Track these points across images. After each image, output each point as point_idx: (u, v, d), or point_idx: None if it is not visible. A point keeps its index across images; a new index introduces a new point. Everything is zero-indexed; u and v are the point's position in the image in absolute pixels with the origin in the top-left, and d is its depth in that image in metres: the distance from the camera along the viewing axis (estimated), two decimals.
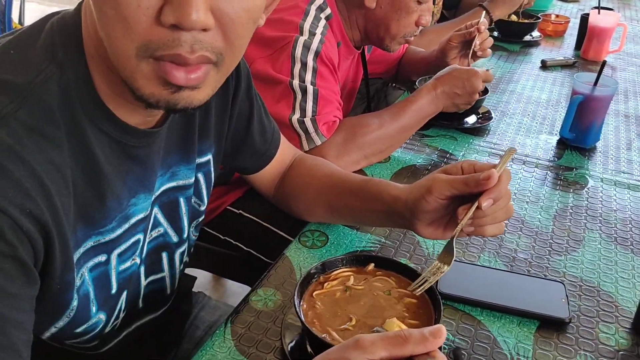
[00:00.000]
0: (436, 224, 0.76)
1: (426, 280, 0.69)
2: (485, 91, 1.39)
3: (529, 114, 1.46)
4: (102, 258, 0.64)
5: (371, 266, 0.74)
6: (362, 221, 0.92)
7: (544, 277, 0.86)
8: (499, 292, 0.81)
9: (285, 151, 0.98)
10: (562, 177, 1.15)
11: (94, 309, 0.65)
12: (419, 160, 1.18)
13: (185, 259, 0.84)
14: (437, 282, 0.80)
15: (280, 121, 1.10)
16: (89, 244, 0.62)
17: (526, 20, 2.09)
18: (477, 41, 1.29)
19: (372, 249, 0.90)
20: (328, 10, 1.21)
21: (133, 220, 0.67)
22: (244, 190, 1.26)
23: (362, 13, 1.25)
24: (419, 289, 0.69)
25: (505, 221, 0.75)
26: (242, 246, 1.28)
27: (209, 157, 0.81)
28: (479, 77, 1.20)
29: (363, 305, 0.68)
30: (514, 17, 2.09)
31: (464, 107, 1.24)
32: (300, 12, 1.17)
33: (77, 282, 0.61)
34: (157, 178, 0.70)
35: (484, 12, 1.38)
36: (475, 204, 0.69)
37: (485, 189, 0.69)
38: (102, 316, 0.68)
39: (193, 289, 1.04)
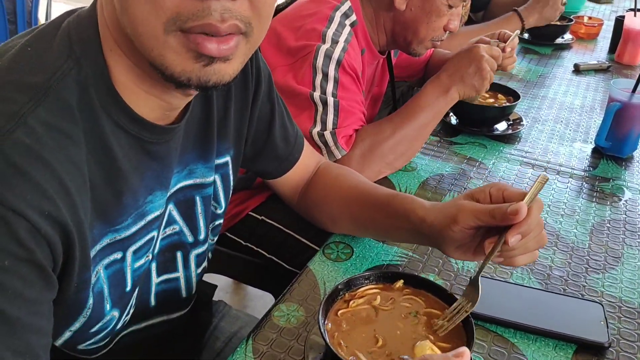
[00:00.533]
0: (465, 248, 0.72)
1: (450, 319, 0.65)
2: (516, 97, 1.35)
3: (562, 121, 1.41)
4: (117, 255, 0.63)
5: (399, 283, 0.71)
6: (387, 236, 0.88)
7: (580, 296, 0.81)
8: (534, 312, 0.77)
9: (309, 157, 0.96)
10: (598, 189, 1.10)
11: (107, 306, 0.64)
12: (447, 169, 1.14)
13: (204, 264, 0.82)
14: None
15: (304, 133, 1.07)
16: (106, 241, 0.61)
17: (558, 23, 2.03)
18: (505, 48, 1.24)
19: (398, 263, 0.86)
20: (353, 17, 1.18)
21: (149, 218, 0.66)
22: (266, 196, 1.24)
23: (390, 15, 1.22)
24: (441, 330, 0.64)
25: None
26: (264, 253, 1.26)
27: (227, 158, 0.79)
28: (479, 47, 1.14)
29: (391, 326, 0.65)
30: None
31: (483, 85, 1.15)
32: (324, 19, 1.14)
33: (93, 279, 0.60)
34: (173, 174, 0.69)
35: (517, 31, 1.31)
36: (503, 238, 0.65)
37: (513, 223, 0.65)
38: (116, 313, 0.67)
39: (213, 298, 1.02)
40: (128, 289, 0.67)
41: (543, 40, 2.00)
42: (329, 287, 0.80)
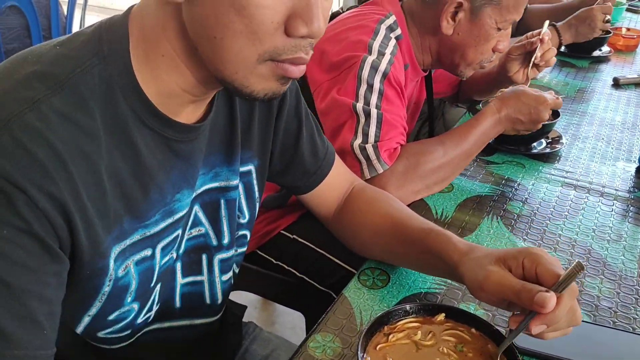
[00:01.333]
0: (499, 302, 0.67)
1: None
2: (556, 114, 1.30)
3: (603, 138, 1.36)
4: (148, 252, 0.65)
5: (441, 317, 0.68)
6: (420, 271, 0.85)
7: (631, 330, 0.77)
8: (581, 347, 0.73)
9: (341, 175, 0.94)
10: None
11: (129, 298, 0.66)
12: (485, 190, 1.11)
13: (229, 274, 0.81)
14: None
15: (343, 147, 1.05)
16: (136, 237, 0.62)
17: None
18: (538, 53, 1.21)
19: (436, 291, 0.83)
20: (398, 31, 1.16)
21: (177, 216, 0.67)
22: (298, 215, 1.22)
23: (437, 39, 1.20)
24: None
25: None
26: (295, 272, 1.24)
27: (251, 167, 0.79)
28: (547, 106, 1.12)
29: None
30: None
31: (524, 133, 1.17)
32: (370, 32, 1.12)
33: (120, 272, 0.62)
34: (199, 175, 0.70)
35: (547, 21, 1.28)
36: (530, 318, 0.60)
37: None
38: (135, 306, 0.68)
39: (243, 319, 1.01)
40: (152, 284, 0.68)
41: (580, 53, 1.95)
42: (365, 316, 0.78)
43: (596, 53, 1.97)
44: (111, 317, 0.66)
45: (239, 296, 1.00)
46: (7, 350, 0.50)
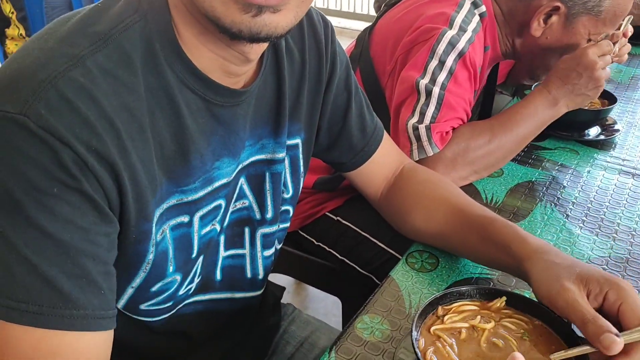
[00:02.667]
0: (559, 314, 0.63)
1: None
2: (612, 100, 1.24)
3: None
4: (184, 219, 0.63)
5: (502, 301, 0.64)
6: (476, 261, 0.81)
7: None
8: None
9: (390, 153, 0.91)
10: None
11: (171, 268, 0.64)
12: (536, 176, 1.06)
13: (271, 250, 0.79)
14: None
15: (399, 124, 1.02)
16: (172, 201, 0.61)
17: None
18: (617, 47, 1.13)
19: (489, 276, 0.80)
20: (483, 8, 1.10)
21: (216, 184, 0.65)
22: (346, 199, 1.20)
23: (521, 35, 1.14)
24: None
25: None
26: (337, 254, 1.22)
27: (298, 141, 0.77)
28: (589, 53, 1.02)
29: (498, 350, 0.59)
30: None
31: (597, 94, 1.06)
32: (454, 4, 1.06)
33: (158, 237, 0.61)
34: (244, 146, 0.68)
35: (630, 16, 1.20)
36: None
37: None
38: (178, 277, 0.66)
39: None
40: (194, 255, 0.66)
41: (636, 40, 1.86)
42: (414, 299, 0.75)
43: None
44: (154, 289, 0.65)
45: (274, 278, 0.99)
46: (67, 310, 0.50)
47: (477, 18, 1.08)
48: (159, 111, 0.57)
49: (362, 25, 5.30)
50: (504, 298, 0.64)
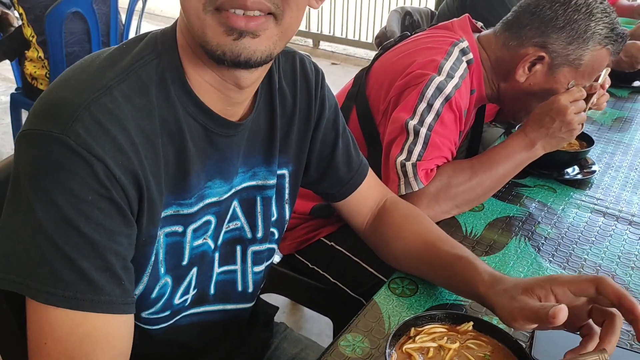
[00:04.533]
0: (530, 327, 0.72)
1: None
2: (590, 142, 1.34)
3: (636, 168, 1.38)
4: (178, 228, 0.73)
5: (468, 326, 0.72)
6: (450, 290, 0.90)
7: None
8: None
9: (373, 187, 1.00)
10: None
11: (162, 269, 0.73)
12: (514, 211, 1.15)
13: (261, 267, 0.88)
14: (532, 346, 0.77)
15: (389, 160, 1.11)
16: (169, 211, 0.71)
17: None
18: (595, 98, 1.23)
19: (462, 303, 0.88)
20: (470, 55, 1.21)
21: (207, 201, 0.75)
22: (339, 225, 1.29)
23: (506, 80, 1.24)
24: None
25: None
26: (330, 277, 1.30)
27: (285, 172, 0.87)
28: (560, 99, 1.11)
29: None
30: None
31: (571, 136, 1.15)
32: (443, 52, 1.17)
33: (157, 240, 0.70)
34: (238, 172, 0.78)
35: (608, 69, 1.29)
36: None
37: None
38: (169, 280, 0.75)
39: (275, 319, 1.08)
40: (184, 262, 0.76)
41: (620, 82, 1.97)
42: (393, 321, 0.83)
43: (636, 83, 1.98)
44: (153, 295, 0.74)
45: (270, 299, 1.07)
46: (96, 296, 0.60)
47: (464, 65, 1.18)
48: (167, 135, 0.68)
49: (365, 53, 5.46)
50: (471, 323, 0.73)
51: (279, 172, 0.85)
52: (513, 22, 1.22)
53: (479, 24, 1.37)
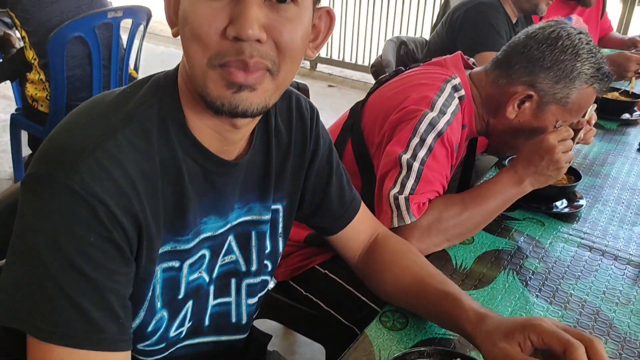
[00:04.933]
0: None
1: None
2: (578, 177, 1.37)
3: (623, 202, 1.42)
4: (175, 264, 0.76)
5: None
6: (439, 325, 0.92)
7: None
8: None
9: (365, 221, 1.03)
10: None
11: (158, 304, 0.76)
12: (503, 245, 1.18)
13: (255, 299, 0.91)
14: None
15: (382, 193, 1.14)
16: (167, 247, 0.74)
17: (624, 99, 2.04)
18: (582, 133, 1.26)
19: (451, 337, 0.91)
20: (462, 92, 1.25)
21: (202, 236, 0.78)
22: (333, 254, 1.31)
23: (495, 116, 1.29)
24: None
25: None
26: (322, 304, 1.33)
27: (279, 207, 0.90)
28: (549, 138, 1.16)
29: None
30: (615, 94, 2.05)
31: (559, 174, 1.19)
32: (436, 89, 1.22)
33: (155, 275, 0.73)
34: (234, 208, 0.81)
35: (594, 105, 1.33)
36: None
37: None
38: (165, 314, 0.78)
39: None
40: (180, 296, 0.79)
41: (609, 115, 2.01)
42: (383, 355, 0.86)
43: (625, 116, 2.03)
44: (149, 329, 0.77)
45: (264, 324, 1.09)
46: (96, 335, 0.63)
47: (456, 101, 1.23)
48: (167, 177, 0.71)
49: (361, 75, 5.53)
50: (459, 359, 0.76)
51: (273, 207, 0.88)
52: (503, 61, 1.27)
53: (471, 61, 1.41)
